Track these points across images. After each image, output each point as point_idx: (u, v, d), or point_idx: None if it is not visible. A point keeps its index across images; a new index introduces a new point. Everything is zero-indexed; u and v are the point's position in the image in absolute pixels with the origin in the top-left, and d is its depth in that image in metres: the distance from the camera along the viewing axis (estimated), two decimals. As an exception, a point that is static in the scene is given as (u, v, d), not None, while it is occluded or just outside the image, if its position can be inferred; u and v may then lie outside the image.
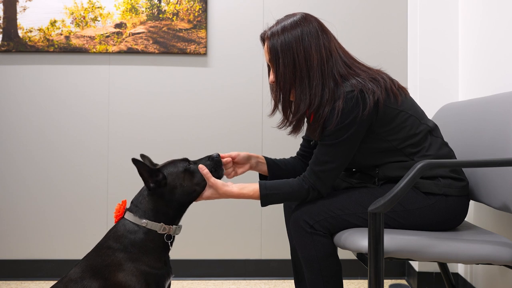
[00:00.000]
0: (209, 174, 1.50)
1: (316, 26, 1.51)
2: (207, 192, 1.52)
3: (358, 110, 1.42)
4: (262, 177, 1.77)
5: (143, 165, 1.42)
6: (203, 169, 1.49)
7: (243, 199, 1.56)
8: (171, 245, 1.48)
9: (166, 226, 1.45)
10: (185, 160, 1.52)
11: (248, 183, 1.56)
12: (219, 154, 1.56)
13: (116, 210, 1.48)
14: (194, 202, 1.53)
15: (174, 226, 1.47)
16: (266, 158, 1.75)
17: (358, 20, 2.62)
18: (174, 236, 1.49)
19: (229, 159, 1.67)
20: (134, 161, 1.41)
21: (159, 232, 1.44)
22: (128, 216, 1.45)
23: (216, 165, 1.53)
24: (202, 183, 1.50)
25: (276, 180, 1.55)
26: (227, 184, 1.53)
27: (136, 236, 1.42)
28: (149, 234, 1.43)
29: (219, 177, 1.55)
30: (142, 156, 1.55)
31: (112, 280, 1.35)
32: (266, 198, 1.51)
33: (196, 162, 1.53)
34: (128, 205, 1.50)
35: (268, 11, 2.60)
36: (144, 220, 1.43)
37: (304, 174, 1.52)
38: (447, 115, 1.91)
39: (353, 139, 1.45)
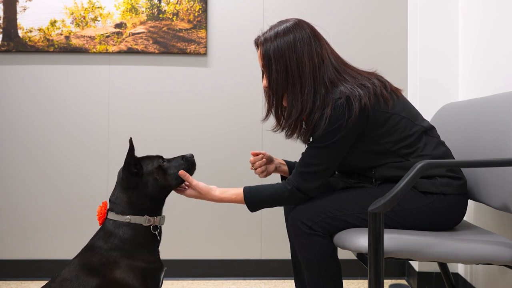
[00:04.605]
0: (191, 178, 1.53)
1: (309, 32, 1.53)
2: (191, 192, 1.57)
3: (344, 117, 1.43)
4: (283, 178, 1.81)
5: (133, 150, 1.48)
6: (184, 175, 1.52)
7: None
8: (160, 236, 1.50)
9: (150, 218, 1.47)
10: (160, 157, 1.54)
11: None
12: (192, 155, 1.57)
13: (98, 212, 1.49)
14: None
15: (158, 216, 1.50)
16: (285, 160, 1.81)
17: (358, 20, 2.62)
18: (160, 227, 1.51)
19: (261, 156, 1.72)
20: (131, 141, 1.45)
21: (144, 225, 1.46)
22: (111, 215, 1.47)
23: (189, 165, 1.55)
24: (174, 181, 1.52)
25: (261, 184, 1.57)
26: (210, 187, 1.57)
27: (124, 233, 1.43)
28: (136, 229, 1.45)
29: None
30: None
31: (109, 278, 1.36)
32: (250, 201, 1.53)
33: (170, 161, 1.54)
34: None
35: (268, 12, 2.60)
36: (128, 216, 1.45)
37: (289, 176, 1.54)
38: (447, 115, 1.91)
39: (341, 144, 1.47)
